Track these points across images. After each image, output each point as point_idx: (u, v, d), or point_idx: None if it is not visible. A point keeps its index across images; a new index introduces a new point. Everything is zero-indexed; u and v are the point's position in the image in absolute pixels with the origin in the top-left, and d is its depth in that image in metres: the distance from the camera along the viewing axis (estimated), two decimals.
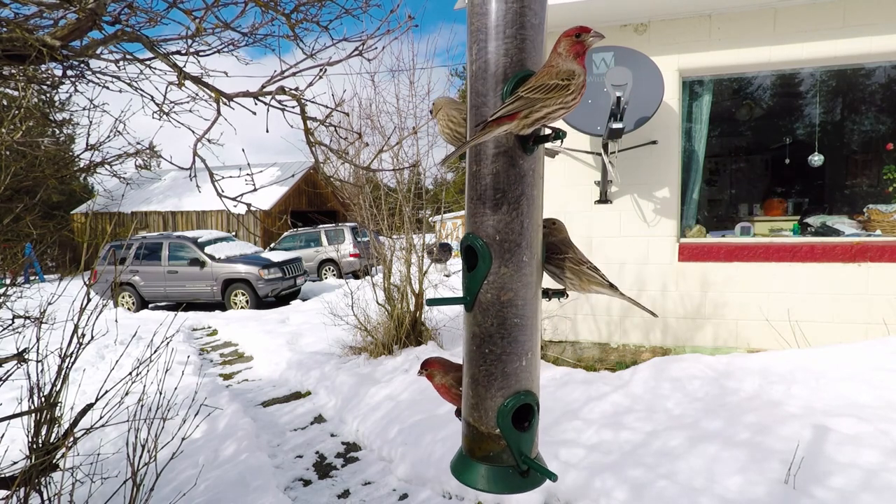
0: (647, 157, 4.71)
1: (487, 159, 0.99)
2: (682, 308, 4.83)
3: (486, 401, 1.02)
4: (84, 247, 2.48)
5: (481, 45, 0.98)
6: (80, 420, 2.16)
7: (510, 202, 0.99)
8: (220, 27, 2.40)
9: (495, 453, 1.02)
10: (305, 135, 2.48)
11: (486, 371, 1.01)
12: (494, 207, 0.99)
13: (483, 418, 1.02)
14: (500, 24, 0.96)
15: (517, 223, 1.00)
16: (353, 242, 14.37)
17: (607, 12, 4.62)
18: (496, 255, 1.00)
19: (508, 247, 1.00)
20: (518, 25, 0.96)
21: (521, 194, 1.00)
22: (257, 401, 5.13)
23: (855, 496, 2.41)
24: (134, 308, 11.46)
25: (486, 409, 1.02)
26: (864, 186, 7.23)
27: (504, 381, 1.01)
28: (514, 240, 1.00)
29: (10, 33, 1.97)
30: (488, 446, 1.02)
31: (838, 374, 3.56)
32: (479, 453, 1.03)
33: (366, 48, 2.46)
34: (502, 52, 0.97)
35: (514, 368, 1.02)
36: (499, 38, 0.97)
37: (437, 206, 6.48)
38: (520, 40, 0.96)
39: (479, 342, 1.02)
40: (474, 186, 1.01)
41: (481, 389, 1.02)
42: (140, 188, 21.38)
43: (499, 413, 1.01)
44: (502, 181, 0.99)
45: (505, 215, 0.99)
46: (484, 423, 1.02)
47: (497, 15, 0.96)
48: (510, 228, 1.00)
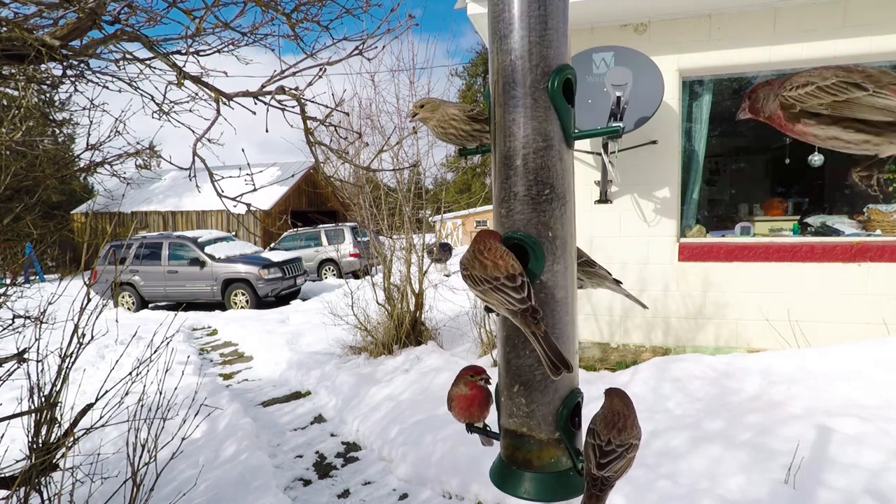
0: (647, 157, 4.71)
1: (534, 153, 0.95)
2: (682, 308, 4.83)
3: (542, 406, 0.97)
4: (84, 247, 2.47)
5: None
6: (80, 420, 2.16)
7: (559, 197, 0.96)
8: (220, 27, 2.39)
9: (556, 459, 0.98)
10: (305, 134, 2.48)
11: (542, 374, 0.96)
12: (545, 202, 0.95)
13: (541, 425, 0.97)
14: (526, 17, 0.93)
15: (566, 219, 0.97)
16: (353, 242, 14.37)
17: (607, 12, 4.61)
18: (549, 252, 0.96)
19: (560, 244, 0.97)
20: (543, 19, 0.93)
21: (567, 189, 0.97)
22: (257, 401, 5.12)
23: (857, 497, 2.40)
24: (134, 308, 11.45)
25: (545, 415, 0.97)
26: (864, 186, 7.21)
27: (560, 383, 0.97)
28: (564, 236, 0.97)
29: (9, 33, 1.97)
30: (550, 454, 0.97)
31: (839, 375, 3.56)
32: (538, 463, 0.97)
33: (366, 48, 2.46)
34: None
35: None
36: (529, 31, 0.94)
37: (437, 205, 6.47)
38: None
39: (532, 346, 0.96)
40: (517, 181, 0.96)
41: (537, 395, 0.97)
42: (140, 188, 21.38)
43: (558, 417, 0.96)
44: (552, 175, 0.95)
45: (555, 211, 0.96)
46: (543, 431, 0.97)
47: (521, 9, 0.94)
48: (560, 224, 0.96)
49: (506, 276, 0.91)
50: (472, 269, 0.95)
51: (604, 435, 0.94)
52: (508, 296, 0.89)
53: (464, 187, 25.86)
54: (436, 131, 1.17)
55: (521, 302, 0.89)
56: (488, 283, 0.91)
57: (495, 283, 0.91)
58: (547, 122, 0.95)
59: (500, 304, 0.90)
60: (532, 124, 0.95)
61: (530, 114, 0.95)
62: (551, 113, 0.95)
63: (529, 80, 0.94)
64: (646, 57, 4.31)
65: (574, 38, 5.07)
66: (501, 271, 0.91)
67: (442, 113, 1.15)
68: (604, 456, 0.93)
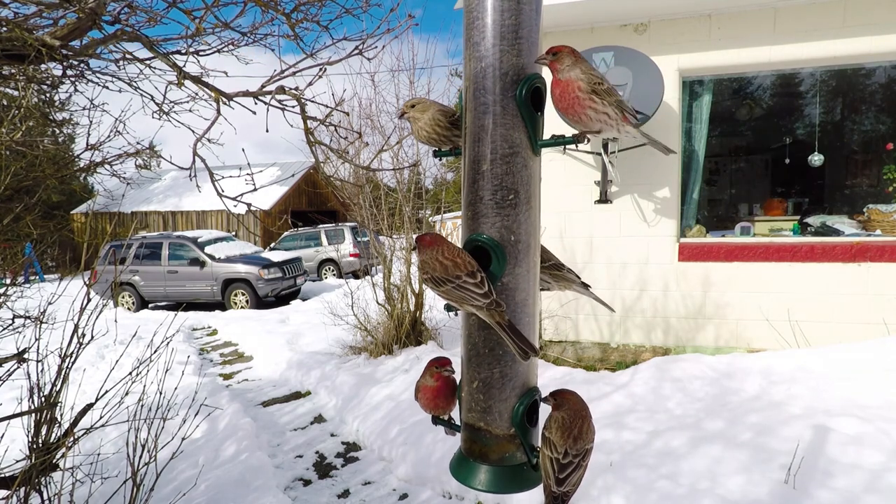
0: (647, 157, 4.71)
1: (500, 158, 0.98)
2: (682, 308, 4.83)
3: (500, 403, 1.00)
4: (84, 247, 2.47)
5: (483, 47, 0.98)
6: (80, 420, 2.16)
7: (523, 202, 0.98)
8: (220, 27, 2.39)
9: (510, 454, 1.01)
10: (305, 134, 2.48)
11: (500, 373, 1.00)
12: (509, 207, 0.98)
13: (497, 420, 1.00)
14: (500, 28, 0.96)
15: (529, 224, 1.00)
16: (353, 242, 14.36)
17: (607, 12, 4.61)
18: (511, 256, 0.98)
19: (522, 247, 0.99)
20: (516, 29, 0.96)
21: (532, 195, 1.00)
22: (257, 401, 5.12)
23: (857, 498, 2.40)
24: (134, 308, 11.45)
25: (501, 411, 1.00)
26: (864, 186, 7.23)
27: (517, 381, 1.00)
28: (527, 240, 1.00)
29: (9, 33, 1.97)
30: (504, 448, 1.01)
31: (839, 375, 3.56)
32: (493, 456, 1.01)
33: (366, 48, 2.46)
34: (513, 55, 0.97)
35: (526, 367, 1.02)
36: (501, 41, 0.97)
37: (437, 205, 6.47)
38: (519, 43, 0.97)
39: (491, 344, 1.00)
40: (483, 186, 0.99)
41: (495, 392, 1.00)
42: (140, 188, 21.38)
43: (514, 413, 1.00)
44: (516, 181, 0.98)
45: (520, 216, 0.98)
46: (498, 426, 1.00)
47: (494, 19, 0.96)
48: (523, 229, 0.99)
49: (466, 274, 0.94)
50: (432, 271, 0.98)
51: (560, 446, 0.96)
52: (471, 292, 0.93)
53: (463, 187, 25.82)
54: (420, 133, 1.19)
55: (485, 297, 0.93)
56: (450, 282, 0.94)
57: (457, 281, 0.94)
58: (514, 129, 0.97)
59: (464, 300, 0.94)
60: (500, 131, 0.97)
61: (499, 121, 0.97)
62: (518, 121, 0.97)
63: (499, 87, 0.96)
64: (646, 57, 4.31)
65: (574, 38, 5.08)
66: (461, 269, 0.95)
67: (431, 115, 1.17)
68: (562, 470, 0.94)
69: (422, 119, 1.17)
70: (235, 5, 2.41)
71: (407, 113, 1.21)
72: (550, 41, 0.98)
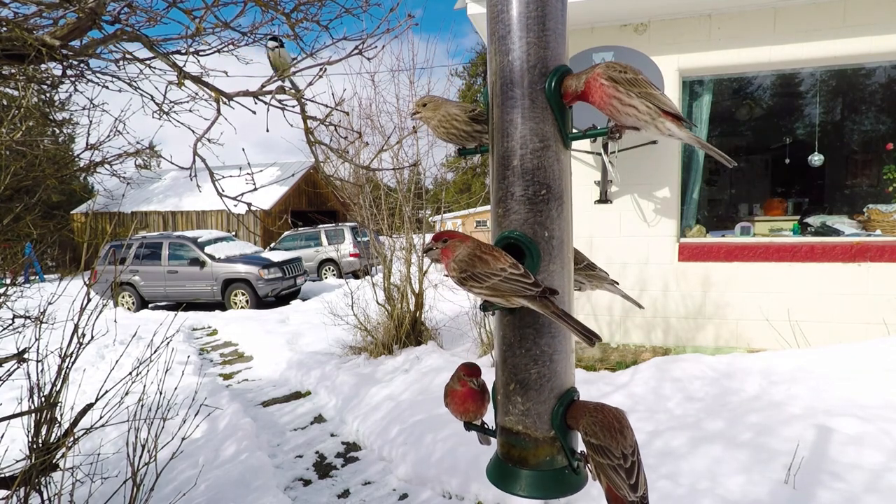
0: (647, 157, 4.71)
1: (531, 153, 0.95)
2: (682, 308, 4.83)
3: (539, 405, 0.97)
4: (84, 247, 2.47)
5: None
6: (80, 420, 2.16)
7: (556, 198, 0.96)
8: (220, 27, 2.39)
9: (551, 457, 0.98)
10: (305, 134, 2.48)
11: (538, 373, 0.97)
12: (541, 203, 0.95)
13: (537, 424, 0.97)
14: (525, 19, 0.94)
15: (562, 219, 0.97)
16: (353, 242, 14.36)
17: (607, 12, 4.61)
18: (545, 252, 0.96)
19: (556, 243, 0.97)
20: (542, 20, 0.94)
21: (563, 190, 0.97)
22: (257, 401, 5.12)
23: (858, 497, 2.40)
24: (134, 308, 11.45)
25: (540, 413, 0.97)
26: (864, 186, 7.23)
27: (556, 382, 0.98)
28: (560, 236, 0.97)
29: (9, 33, 1.97)
30: (545, 452, 0.97)
31: (839, 375, 3.55)
32: (534, 461, 0.98)
33: (365, 48, 2.46)
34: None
35: (563, 367, 0.99)
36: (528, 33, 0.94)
37: (437, 205, 6.47)
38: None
39: (528, 344, 0.97)
40: (514, 181, 0.96)
41: (533, 393, 0.97)
42: (140, 188, 21.39)
43: (553, 415, 0.97)
44: (548, 176, 0.95)
45: (552, 211, 0.96)
46: (538, 429, 0.97)
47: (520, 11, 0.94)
48: (556, 225, 0.97)
49: (510, 266, 0.91)
50: (472, 268, 0.93)
51: (615, 448, 0.90)
52: (521, 283, 0.89)
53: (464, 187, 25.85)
54: (437, 131, 1.16)
55: (535, 285, 0.89)
56: (496, 275, 0.90)
57: (503, 274, 0.90)
58: (544, 122, 0.95)
59: (514, 293, 0.89)
60: (529, 125, 0.95)
61: (528, 114, 0.95)
62: (548, 113, 0.95)
63: (527, 80, 0.94)
64: (646, 57, 4.31)
65: (574, 38, 5.08)
66: (503, 263, 0.91)
67: (444, 112, 1.15)
68: (630, 475, 0.88)
69: (434, 118, 1.15)
70: (235, 5, 2.41)
71: (419, 112, 1.18)
72: None
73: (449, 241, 0.99)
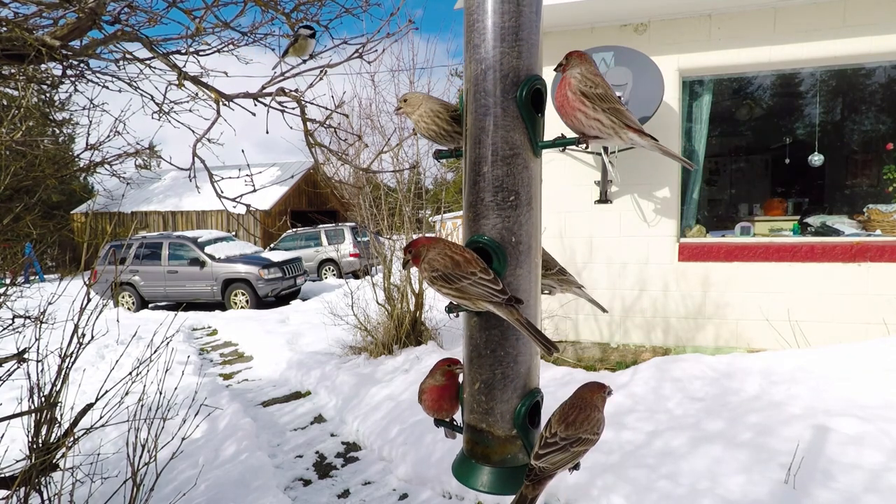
0: (647, 157, 4.71)
1: (501, 160, 0.98)
2: (682, 308, 4.83)
3: (501, 404, 1.00)
4: (84, 247, 2.47)
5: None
6: (80, 420, 2.16)
7: (524, 204, 0.99)
8: (220, 27, 2.39)
9: (512, 455, 1.01)
10: (305, 136, 2.48)
11: (502, 374, 1.00)
12: (510, 209, 0.98)
13: (499, 422, 1.01)
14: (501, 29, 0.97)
15: (530, 225, 1.00)
16: (353, 242, 14.36)
17: (607, 12, 4.61)
18: (511, 257, 0.99)
19: (523, 249, 1.00)
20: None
21: (532, 196, 1.00)
22: (257, 401, 5.12)
23: (857, 497, 2.40)
24: (134, 308, 11.45)
25: (503, 412, 1.00)
26: (864, 186, 7.23)
27: (519, 382, 1.01)
28: (528, 242, 1.00)
29: (9, 33, 1.97)
30: (506, 449, 1.01)
31: (839, 375, 3.55)
32: (496, 457, 1.01)
33: (366, 51, 2.46)
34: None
35: (527, 368, 1.02)
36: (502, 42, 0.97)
37: (437, 205, 6.47)
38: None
39: (493, 346, 1.00)
40: (484, 187, 0.99)
41: (497, 393, 1.00)
42: (140, 188, 21.37)
43: (516, 415, 1.00)
44: (517, 183, 0.98)
45: (520, 217, 0.99)
46: (500, 427, 1.01)
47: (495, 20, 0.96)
48: (524, 230, 0.99)
49: (480, 270, 0.92)
50: (442, 268, 0.95)
51: (553, 427, 0.97)
52: (489, 288, 0.91)
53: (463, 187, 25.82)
54: (418, 126, 1.18)
55: (502, 293, 0.91)
56: (465, 278, 0.92)
57: (472, 278, 0.92)
58: (514, 130, 0.97)
59: (481, 297, 0.91)
60: (500, 133, 0.97)
61: (499, 122, 0.97)
62: (519, 122, 0.97)
63: (499, 89, 0.96)
64: (646, 57, 4.31)
65: (574, 38, 5.08)
66: (474, 267, 0.93)
67: (426, 108, 1.16)
68: (545, 447, 0.95)
69: (415, 113, 1.16)
70: (235, 5, 2.41)
71: (401, 108, 1.20)
72: (550, 41, 0.98)
73: (414, 250, 1.01)
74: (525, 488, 0.95)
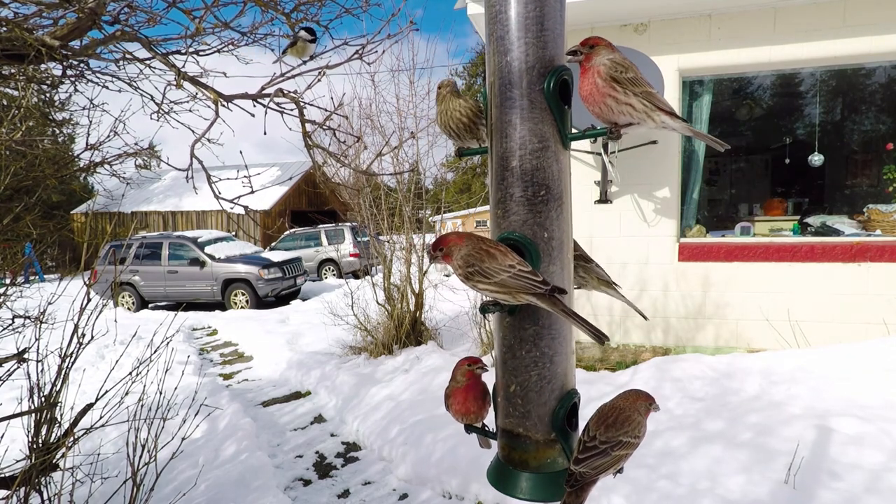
0: (647, 157, 4.71)
1: (529, 154, 0.95)
2: (682, 308, 4.83)
3: (539, 407, 0.97)
4: (84, 247, 2.47)
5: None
6: (80, 420, 2.16)
7: (555, 198, 0.96)
8: (220, 27, 2.39)
9: (552, 459, 0.98)
10: (304, 138, 2.48)
11: (538, 375, 0.97)
12: (540, 203, 0.95)
13: (537, 425, 0.97)
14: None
15: (562, 220, 0.97)
16: (353, 242, 14.36)
17: (607, 12, 4.61)
18: (544, 253, 0.96)
19: (556, 244, 0.97)
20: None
21: (563, 191, 0.97)
22: (257, 401, 5.12)
23: (857, 497, 2.40)
24: (134, 308, 11.45)
25: (540, 415, 0.97)
26: (864, 186, 7.23)
27: (556, 383, 0.97)
28: (560, 237, 0.97)
29: (9, 33, 1.97)
30: (546, 454, 0.97)
31: (839, 375, 3.55)
32: (534, 463, 0.97)
33: (366, 51, 2.46)
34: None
35: (564, 369, 0.99)
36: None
37: (437, 205, 6.47)
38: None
39: (528, 346, 0.97)
40: (513, 182, 0.96)
41: (533, 395, 0.97)
42: (140, 188, 21.37)
43: (554, 417, 0.97)
44: (547, 176, 0.95)
45: (551, 212, 0.96)
46: (538, 431, 0.97)
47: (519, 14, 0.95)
48: (556, 225, 0.96)
49: (519, 263, 0.90)
50: (480, 262, 0.92)
51: (592, 430, 0.95)
52: (531, 280, 0.88)
53: (464, 187, 25.83)
54: (442, 117, 1.16)
55: (545, 283, 0.88)
56: (505, 271, 0.89)
57: (512, 270, 0.89)
58: (542, 123, 0.95)
59: (523, 289, 0.88)
60: (528, 125, 0.95)
61: (526, 115, 0.94)
62: (547, 114, 0.95)
63: (525, 81, 0.94)
64: (646, 57, 4.31)
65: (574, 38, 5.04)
66: (512, 259, 0.90)
67: (453, 100, 1.15)
68: (584, 451, 0.92)
69: (451, 108, 1.15)
70: (235, 5, 2.40)
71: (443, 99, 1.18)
72: None
73: (445, 248, 0.98)
74: (567, 496, 0.91)
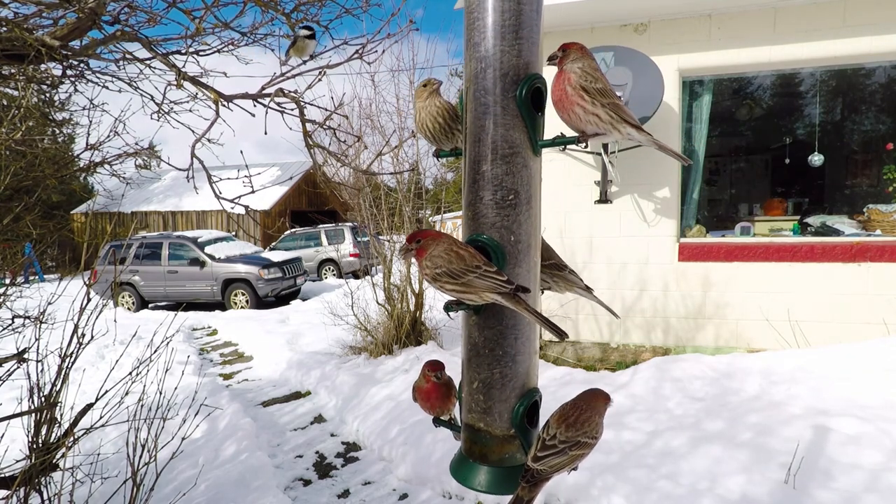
0: (647, 157, 4.70)
1: (500, 159, 0.97)
2: (682, 308, 4.83)
3: (500, 403, 1.00)
4: (84, 247, 2.47)
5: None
6: (80, 420, 2.16)
7: (523, 203, 0.99)
8: (220, 27, 2.39)
9: (510, 454, 1.01)
10: (304, 138, 2.48)
11: (500, 373, 1.00)
12: (509, 207, 0.98)
13: (497, 421, 1.01)
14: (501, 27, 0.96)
15: (530, 224, 1.00)
16: (353, 242, 14.35)
17: (607, 12, 4.61)
18: (510, 256, 0.99)
19: (522, 248, 1.00)
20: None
21: (532, 195, 1.00)
22: (257, 401, 5.12)
23: (857, 497, 2.40)
24: (134, 308, 11.45)
25: (501, 411, 1.00)
26: (864, 186, 7.23)
27: (517, 382, 1.01)
28: (527, 241, 1.00)
29: (9, 33, 1.97)
30: (505, 449, 1.01)
31: (839, 375, 3.55)
32: (494, 457, 1.01)
33: (366, 51, 2.46)
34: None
35: (526, 368, 1.02)
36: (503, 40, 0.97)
37: (437, 205, 6.47)
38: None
39: (492, 345, 1.00)
40: (484, 186, 0.99)
41: (495, 392, 1.00)
42: (140, 188, 21.36)
43: (514, 414, 1.00)
44: (517, 181, 0.98)
45: (520, 216, 0.99)
46: (498, 427, 1.01)
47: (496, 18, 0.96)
48: (523, 229, 0.99)
49: (485, 264, 0.94)
50: (448, 264, 0.95)
51: (552, 429, 0.97)
52: (495, 279, 0.92)
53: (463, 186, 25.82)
54: (419, 116, 1.17)
55: (508, 283, 0.92)
56: (472, 272, 0.93)
57: (478, 271, 0.93)
58: (514, 129, 0.97)
59: (488, 289, 0.92)
60: (500, 131, 0.97)
61: (499, 121, 0.97)
62: (518, 121, 0.97)
63: (499, 87, 0.96)
64: (646, 57, 4.31)
65: (574, 39, 5.05)
66: (478, 261, 0.94)
67: (431, 101, 1.16)
68: (543, 449, 0.95)
69: (420, 103, 1.16)
70: (235, 5, 2.41)
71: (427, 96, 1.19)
72: (550, 41, 0.98)
73: (423, 241, 1.01)
74: (521, 490, 0.95)
